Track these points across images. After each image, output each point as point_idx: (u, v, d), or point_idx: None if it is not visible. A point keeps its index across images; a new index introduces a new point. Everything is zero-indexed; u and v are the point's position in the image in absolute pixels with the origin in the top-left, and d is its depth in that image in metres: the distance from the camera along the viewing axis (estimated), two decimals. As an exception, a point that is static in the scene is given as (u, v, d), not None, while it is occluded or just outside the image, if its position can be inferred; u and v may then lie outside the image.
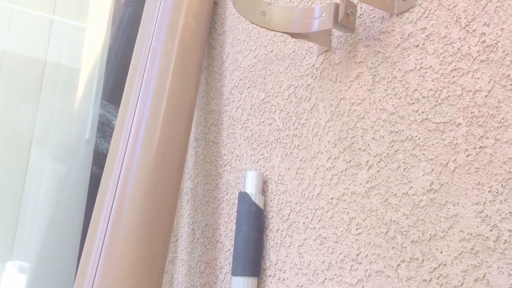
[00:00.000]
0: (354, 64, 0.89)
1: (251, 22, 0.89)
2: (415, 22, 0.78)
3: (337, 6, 0.87)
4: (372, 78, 0.84)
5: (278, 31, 0.91)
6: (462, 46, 0.70)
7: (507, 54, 0.64)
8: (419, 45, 0.77)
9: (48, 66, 2.00)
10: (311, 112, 0.98)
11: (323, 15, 0.89)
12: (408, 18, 0.80)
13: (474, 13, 0.69)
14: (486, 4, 0.68)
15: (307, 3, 1.06)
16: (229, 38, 1.36)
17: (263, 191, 1.05)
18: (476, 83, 0.67)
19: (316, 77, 0.98)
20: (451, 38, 0.72)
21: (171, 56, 1.25)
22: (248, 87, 1.21)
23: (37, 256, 1.66)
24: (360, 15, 0.90)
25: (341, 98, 0.91)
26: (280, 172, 1.02)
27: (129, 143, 1.20)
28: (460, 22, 0.71)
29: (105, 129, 1.60)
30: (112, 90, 1.63)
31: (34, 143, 1.77)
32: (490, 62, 0.66)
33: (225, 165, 1.25)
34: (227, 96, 1.31)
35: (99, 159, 1.56)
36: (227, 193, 1.21)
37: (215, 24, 1.46)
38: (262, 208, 1.02)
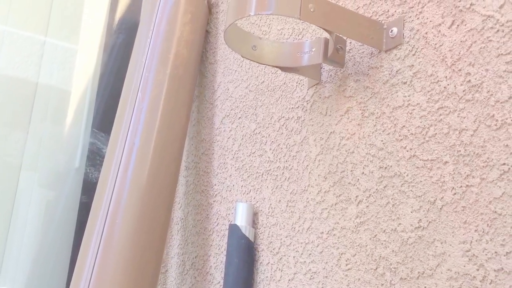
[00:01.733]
0: (343, 98, 0.90)
1: (242, 56, 0.90)
2: (403, 59, 0.80)
3: (326, 41, 0.88)
4: (362, 113, 0.85)
5: (268, 65, 0.92)
6: (448, 85, 0.71)
7: (492, 94, 0.65)
8: (407, 82, 0.78)
9: (39, 88, 2.00)
10: (302, 145, 0.98)
11: (313, 49, 0.91)
12: (396, 55, 0.81)
13: (459, 53, 0.70)
14: (471, 44, 0.69)
15: (298, 35, 1.07)
16: (221, 67, 1.37)
17: (254, 223, 1.05)
18: (462, 122, 0.68)
19: (306, 110, 0.99)
20: (437, 76, 0.73)
21: (163, 85, 1.26)
22: (239, 117, 1.22)
23: (24, 283, 1.64)
24: (350, 50, 0.91)
25: (331, 132, 0.91)
26: (270, 204, 1.03)
27: (120, 173, 1.19)
28: (446, 61, 0.72)
29: (95, 158, 1.60)
30: (102, 118, 1.63)
31: (23, 168, 1.76)
32: (475, 101, 0.67)
33: (215, 195, 1.24)
34: (218, 125, 1.31)
35: (88, 188, 1.55)
36: (217, 224, 1.21)
37: (207, 53, 1.47)
38: (253, 240, 1.02)
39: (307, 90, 1.00)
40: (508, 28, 0.65)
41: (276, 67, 0.92)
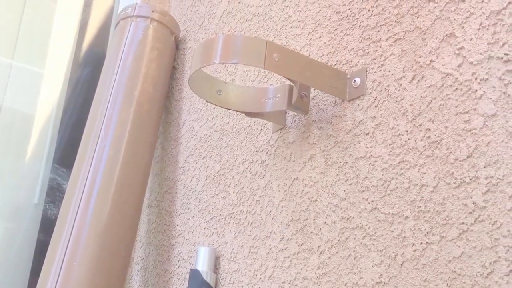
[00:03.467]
0: (307, 145, 0.90)
1: (207, 101, 0.90)
2: (365, 110, 0.80)
3: (291, 88, 0.89)
4: (325, 161, 0.85)
5: (233, 110, 0.92)
6: (409, 139, 0.72)
7: (451, 152, 0.66)
8: (369, 133, 0.78)
9: (3, 111, 1.94)
10: (265, 190, 0.97)
11: (277, 96, 0.91)
12: (359, 105, 0.82)
13: (420, 108, 0.71)
14: (431, 101, 0.70)
15: (263, 78, 1.07)
16: (186, 104, 1.36)
17: (215, 268, 1.03)
18: (422, 177, 0.69)
19: (270, 154, 0.99)
20: (398, 130, 0.74)
21: (127, 123, 1.24)
22: (204, 157, 1.21)
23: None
24: (314, 97, 0.92)
25: (294, 178, 0.91)
26: (233, 249, 1.01)
27: (80, 211, 1.16)
28: (407, 115, 0.73)
29: (55, 194, 1.55)
30: (64, 152, 1.59)
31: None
32: (435, 158, 0.68)
33: (178, 236, 1.22)
34: (182, 164, 1.29)
35: (46, 225, 1.50)
36: (178, 266, 1.18)
37: (173, 89, 1.46)
38: (214, 287, 0.99)
39: (272, 134, 1.00)
40: (466, 87, 0.66)
41: (241, 112, 0.92)
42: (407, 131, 0.72)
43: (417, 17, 0.75)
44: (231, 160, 1.10)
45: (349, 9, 0.89)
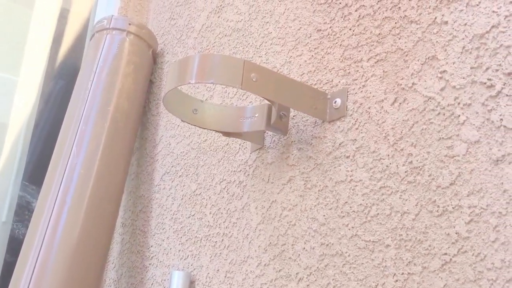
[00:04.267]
0: (286, 166, 0.87)
1: (182, 121, 0.86)
2: (346, 132, 0.78)
3: (270, 107, 0.86)
4: (304, 184, 0.83)
5: (210, 129, 0.89)
6: (390, 163, 0.70)
7: (433, 178, 0.63)
8: (349, 156, 0.76)
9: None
10: (243, 212, 0.94)
11: (255, 115, 0.88)
12: (339, 127, 0.79)
13: (401, 132, 0.69)
14: (413, 124, 0.68)
15: (242, 95, 1.05)
16: (163, 120, 1.32)
17: (190, 293, 0.99)
18: (404, 204, 0.66)
19: (248, 175, 0.96)
20: (380, 154, 0.71)
21: (100, 139, 1.20)
22: (180, 176, 1.17)
23: None
24: (294, 116, 0.89)
25: (272, 201, 0.88)
26: (208, 273, 0.97)
27: (48, 231, 1.11)
28: (388, 139, 0.71)
29: (23, 212, 1.49)
30: (34, 169, 1.54)
31: None
32: (417, 184, 0.65)
33: (151, 257, 1.17)
34: (158, 182, 1.25)
35: (14, 245, 1.44)
36: (152, 289, 1.13)
37: (150, 104, 1.42)
38: (188, 313, 0.95)
39: (250, 154, 0.97)
40: (449, 112, 0.64)
41: (218, 131, 0.89)
42: (388, 155, 0.70)
43: (399, 38, 0.73)
44: (208, 179, 1.07)
45: (330, 27, 0.87)
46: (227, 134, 0.90)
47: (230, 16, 1.17)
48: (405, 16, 0.73)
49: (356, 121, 0.77)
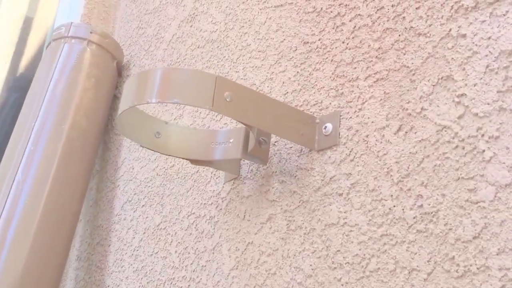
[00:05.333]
0: (266, 201, 0.74)
1: (141, 146, 0.72)
2: (338, 164, 0.65)
3: (247, 132, 0.73)
4: (287, 225, 0.69)
5: (175, 156, 0.75)
6: (394, 206, 0.57)
7: (451, 229, 0.51)
8: (343, 193, 0.63)
9: None
10: (213, 253, 0.80)
11: (230, 141, 0.74)
12: (330, 157, 0.66)
13: (408, 168, 0.56)
14: (423, 159, 0.55)
15: (216, 116, 0.91)
16: (127, 140, 1.18)
17: None
18: (412, 258, 0.53)
19: (221, 209, 0.82)
20: (381, 193, 0.58)
21: (52, 162, 1.05)
22: (143, 205, 1.02)
23: None
24: (275, 143, 0.76)
25: (249, 243, 0.74)
26: (171, 325, 0.82)
27: (-13, 269, 0.95)
28: (391, 176, 0.58)
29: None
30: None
31: None
32: (429, 234, 0.52)
33: (108, 300, 1.02)
34: (119, 211, 1.10)
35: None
36: None
37: (113, 122, 1.28)
38: None
39: (223, 184, 0.83)
40: (470, 145, 0.51)
41: (185, 159, 0.75)
42: (392, 195, 0.57)
43: (404, 54, 0.61)
44: (174, 212, 0.93)
45: (319, 39, 0.74)
46: (195, 162, 0.76)
47: (204, 26, 1.04)
48: (411, 27, 0.61)
49: (351, 151, 0.64)
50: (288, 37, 0.80)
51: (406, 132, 0.58)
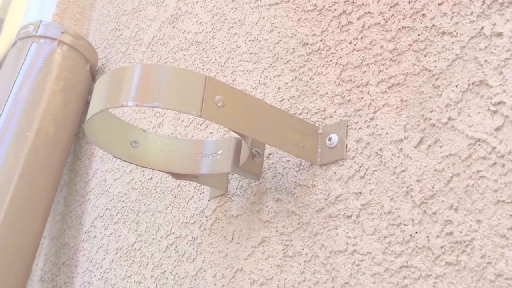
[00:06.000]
0: (258, 222, 0.65)
1: (114, 157, 0.62)
2: (346, 182, 0.56)
3: (238, 143, 0.63)
4: (283, 250, 0.60)
5: (154, 169, 0.65)
6: (417, 233, 0.48)
7: (489, 262, 0.42)
8: (351, 216, 0.54)
9: None
10: (196, 280, 0.70)
11: (219, 152, 0.65)
12: (335, 173, 0.58)
13: (433, 187, 0.48)
14: (452, 178, 0.47)
15: (201, 125, 0.82)
16: (100, 150, 1.07)
17: None
18: (442, 296, 0.45)
19: (205, 229, 0.72)
20: (399, 216, 0.50)
21: (13, 173, 0.94)
22: (116, 222, 0.92)
23: None
24: (269, 155, 0.67)
25: (238, 269, 0.64)
26: None
27: None
28: (412, 196, 0.49)
29: None
30: None
31: None
32: (462, 268, 0.44)
33: (73, 330, 0.91)
34: (88, 228, 0.99)
35: None
36: None
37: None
38: None
39: (208, 201, 0.74)
40: (511, 162, 0.43)
41: (166, 172, 0.65)
42: (413, 219, 0.49)
43: (425, 55, 0.53)
44: (151, 230, 0.82)
45: (321, 40, 0.66)
46: (177, 176, 0.66)
47: (188, 27, 0.95)
48: (433, 26, 0.53)
49: (360, 167, 0.55)
50: (285, 37, 0.72)
51: (429, 146, 0.50)
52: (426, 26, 0.54)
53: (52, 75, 1.06)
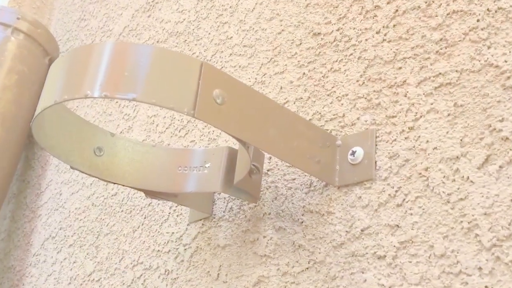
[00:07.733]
0: (253, 256, 0.50)
1: (72, 167, 0.47)
2: (376, 210, 0.43)
3: (232, 155, 0.50)
4: (288, 296, 0.46)
5: (123, 185, 0.50)
6: (487, 286, 0.35)
7: None
8: (385, 256, 0.41)
9: None
10: (169, 326, 0.55)
11: (206, 165, 0.51)
12: (361, 198, 0.44)
13: (509, 224, 0.35)
14: (537, 211, 0.34)
15: (181, 130, 0.67)
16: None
17: None
18: None
19: (182, 261, 0.58)
20: (458, 262, 0.37)
21: None
22: (71, 245, 0.76)
23: None
24: (268, 171, 0.53)
25: (226, 317, 0.50)
26: None
27: None
28: (478, 236, 0.36)
29: None
30: None
31: None
32: None
33: None
34: (37, 250, 0.83)
35: None
36: None
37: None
38: None
39: (188, 225, 0.59)
40: None
41: (138, 189, 0.51)
42: (480, 268, 0.36)
43: (488, 47, 0.40)
44: (113, 258, 0.67)
45: (337, 29, 0.53)
46: (152, 194, 0.52)
47: (167, 16, 0.81)
48: (500, 8, 0.41)
49: (397, 191, 0.42)
50: (289, 27, 0.58)
51: (500, 167, 0.37)
52: (488, 10, 0.41)
53: (3, 68, 0.90)
